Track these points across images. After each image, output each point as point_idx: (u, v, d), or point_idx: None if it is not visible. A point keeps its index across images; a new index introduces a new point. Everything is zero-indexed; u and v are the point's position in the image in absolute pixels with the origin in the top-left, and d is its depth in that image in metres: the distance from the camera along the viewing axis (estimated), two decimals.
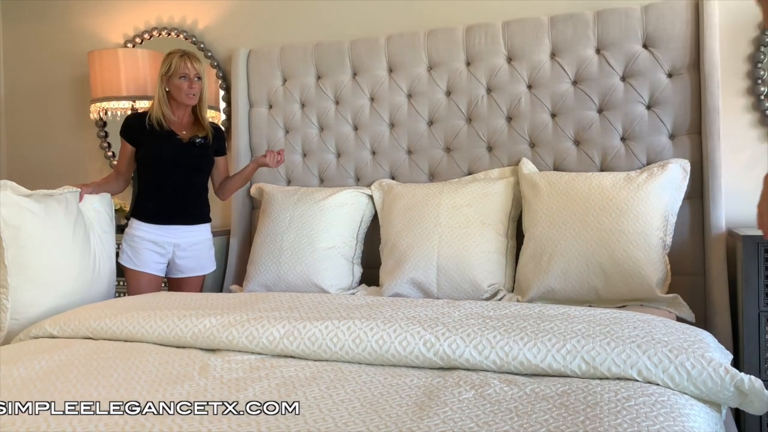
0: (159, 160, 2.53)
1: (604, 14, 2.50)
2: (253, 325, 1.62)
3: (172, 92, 2.52)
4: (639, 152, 2.47)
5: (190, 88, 2.50)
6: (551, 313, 1.59)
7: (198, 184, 2.63)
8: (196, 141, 2.54)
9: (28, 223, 2.07)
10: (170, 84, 2.51)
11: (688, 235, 2.40)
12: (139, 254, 2.53)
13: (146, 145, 2.54)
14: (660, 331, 1.44)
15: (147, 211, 2.54)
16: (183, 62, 2.47)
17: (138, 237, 2.53)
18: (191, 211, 2.60)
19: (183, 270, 2.62)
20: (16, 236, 2.04)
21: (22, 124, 3.71)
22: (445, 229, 2.41)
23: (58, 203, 2.22)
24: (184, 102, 2.53)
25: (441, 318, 1.57)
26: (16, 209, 2.05)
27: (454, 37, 2.71)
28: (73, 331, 1.83)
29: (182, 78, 2.48)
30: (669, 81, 2.44)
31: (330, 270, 2.57)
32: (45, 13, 3.61)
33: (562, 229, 2.29)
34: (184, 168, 2.55)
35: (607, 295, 2.23)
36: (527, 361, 1.37)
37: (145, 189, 2.59)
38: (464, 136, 2.71)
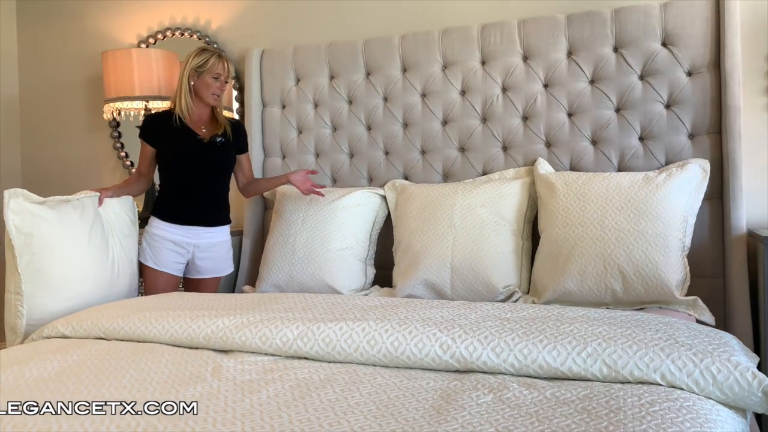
0: (179, 161, 2.51)
1: (622, 12, 2.46)
2: (266, 326, 1.60)
3: (197, 88, 2.49)
4: (657, 152, 2.43)
5: (219, 89, 2.48)
6: (570, 315, 1.56)
7: (219, 185, 2.60)
8: (216, 141, 2.51)
9: (40, 230, 2.08)
10: (199, 80, 2.47)
11: (707, 237, 2.35)
12: (159, 253, 2.51)
13: (166, 146, 2.52)
14: (683, 334, 1.40)
15: (168, 211, 2.53)
16: (220, 62, 2.47)
17: (158, 236, 2.51)
18: (212, 213, 2.58)
19: (201, 271, 2.61)
20: (29, 243, 2.05)
21: (38, 124, 3.72)
22: (460, 229, 2.38)
23: (74, 209, 2.22)
24: (208, 101, 2.50)
25: (457, 320, 1.54)
26: (28, 217, 2.06)
27: (469, 36, 2.68)
28: (85, 331, 1.81)
29: (215, 78, 2.47)
30: (688, 80, 2.39)
31: (343, 271, 2.54)
32: (60, 13, 3.62)
33: (579, 229, 2.25)
34: (204, 169, 2.53)
35: (625, 297, 2.19)
36: (547, 365, 1.34)
37: (166, 189, 2.57)
38: (479, 135, 2.68)
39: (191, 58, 2.47)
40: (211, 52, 2.49)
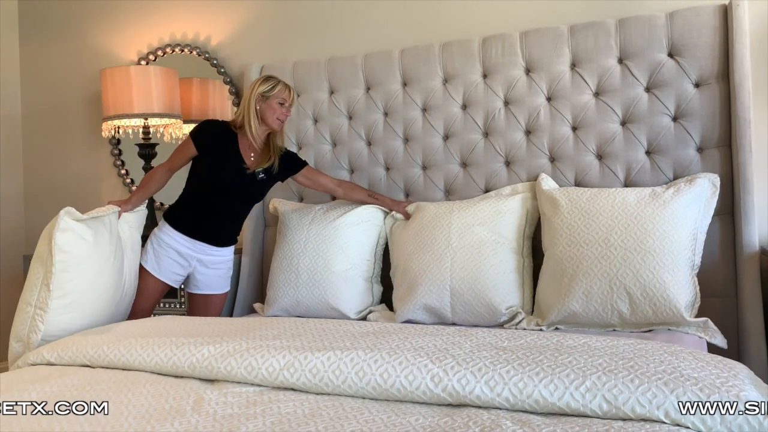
0: (214, 180, 2.45)
1: (626, 22, 2.38)
2: (252, 355, 1.53)
3: (262, 112, 2.45)
4: (665, 166, 2.34)
5: (283, 115, 2.46)
6: (570, 344, 1.48)
7: (243, 210, 2.58)
8: (258, 176, 2.46)
9: (78, 249, 2.06)
10: (266, 104, 2.44)
11: (718, 255, 2.26)
12: (161, 261, 2.48)
13: (210, 159, 2.45)
14: (690, 366, 1.31)
15: (183, 222, 2.49)
16: (287, 90, 2.46)
17: (164, 242, 2.48)
18: (226, 234, 2.55)
19: (199, 286, 2.57)
20: (65, 260, 2.02)
21: (39, 142, 3.70)
22: (457, 250, 2.31)
23: (104, 226, 2.20)
24: (272, 126, 2.46)
25: (451, 349, 1.46)
26: (71, 235, 2.04)
27: (469, 49, 2.62)
28: (70, 358, 1.76)
29: (280, 104, 2.45)
30: (696, 91, 2.31)
31: (347, 292, 2.48)
32: (62, 31, 3.61)
33: (584, 248, 2.17)
34: (234, 196, 2.49)
35: (632, 318, 2.10)
36: (543, 399, 1.26)
37: (189, 199, 2.52)
38: (481, 150, 2.61)
39: (258, 84, 2.45)
40: (277, 80, 2.48)
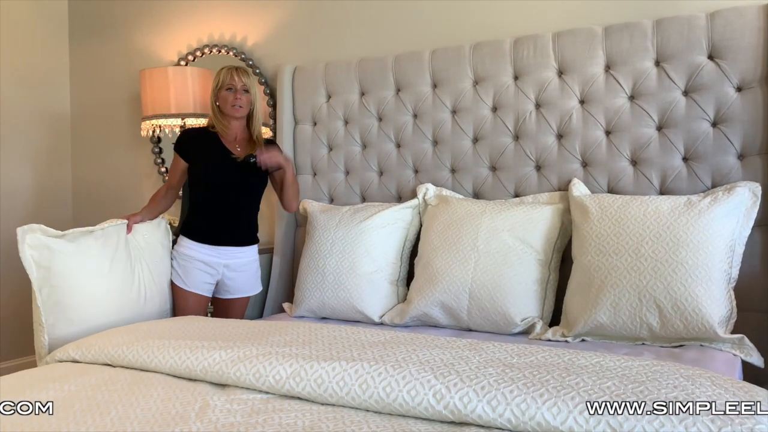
0: (210, 180, 2.50)
1: (664, 23, 2.28)
2: (261, 362, 1.54)
3: (221, 106, 2.50)
4: (703, 174, 2.24)
5: (235, 100, 2.46)
6: (582, 364, 1.42)
7: (248, 204, 2.58)
8: (249, 161, 2.47)
9: (58, 263, 2.12)
10: (219, 97, 2.49)
11: (759, 267, 2.15)
12: (189, 273, 2.51)
13: (199, 163, 2.52)
14: (705, 393, 1.25)
15: (197, 231, 2.52)
16: (229, 74, 2.47)
17: (188, 256, 2.51)
18: (241, 232, 2.57)
19: (231, 290, 2.59)
20: (47, 277, 2.10)
21: (87, 140, 3.83)
22: (483, 253, 2.26)
23: (95, 239, 2.26)
24: (230, 114, 2.49)
25: (457, 364, 1.43)
26: (46, 252, 2.11)
27: (500, 50, 2.56)
28: (93, 356, 1.81)
29: (228, 90, 2.47)
30: (738, 95, 2.19)
31: (372, 295, 2.47)
32: (108, 32, 3.72)
33: (613, 258, 2.10)
34: (234, 189, 2.51)
35: (662, 332, 2.02)
36: (545, 422, 1.22)
37: (195, 207, 2.56)
38: (511, 154, 2.55)
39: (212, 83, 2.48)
40: (223, 68, 2.49)
